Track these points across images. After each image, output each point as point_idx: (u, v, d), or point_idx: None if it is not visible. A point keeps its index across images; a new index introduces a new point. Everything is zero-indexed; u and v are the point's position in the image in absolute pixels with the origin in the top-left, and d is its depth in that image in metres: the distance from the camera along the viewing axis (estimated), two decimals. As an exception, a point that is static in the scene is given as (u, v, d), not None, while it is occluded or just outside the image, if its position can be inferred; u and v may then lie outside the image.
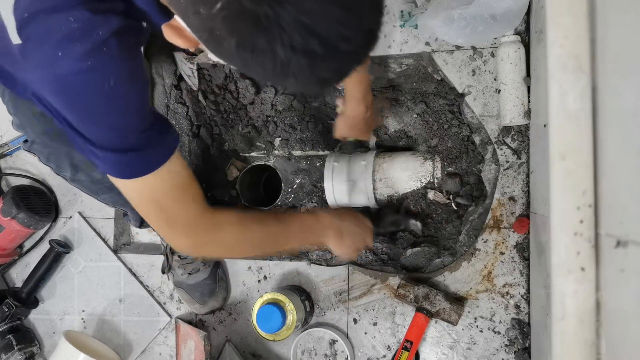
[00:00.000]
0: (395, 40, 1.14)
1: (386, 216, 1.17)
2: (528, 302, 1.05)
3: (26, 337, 1.29)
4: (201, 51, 1.32)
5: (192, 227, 0.77)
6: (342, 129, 1.12)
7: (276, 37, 0.46)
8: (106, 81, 0.61)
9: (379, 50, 1.16)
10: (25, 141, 0.89)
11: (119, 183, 0.71)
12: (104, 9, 0.60)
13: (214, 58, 0.65)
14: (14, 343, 1.25)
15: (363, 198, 1.19)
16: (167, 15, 0.69)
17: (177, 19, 0.57)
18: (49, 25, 0.58)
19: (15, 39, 0.60)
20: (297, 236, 0.91)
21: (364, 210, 1.22)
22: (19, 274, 1.36)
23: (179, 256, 1.18)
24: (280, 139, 1.37)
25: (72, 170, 0.91)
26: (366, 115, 1.09)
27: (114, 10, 0.62)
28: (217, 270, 1.20)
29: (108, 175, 0.71)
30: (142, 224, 1.10)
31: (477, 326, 1.08)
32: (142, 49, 0.71)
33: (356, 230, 0.98)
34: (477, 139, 1.14)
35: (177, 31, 0.59)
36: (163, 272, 1.23)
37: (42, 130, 0.84)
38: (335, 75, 0.53)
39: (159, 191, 0.72)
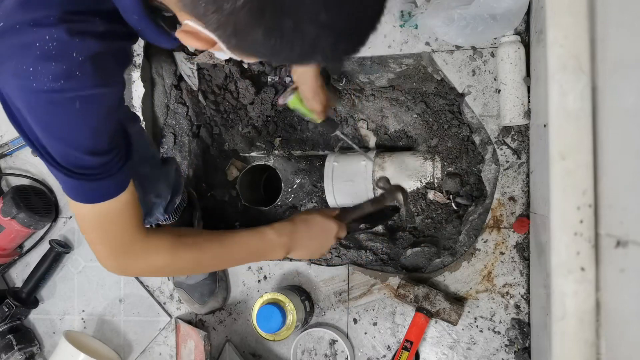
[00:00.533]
0: (395, 40, 1.14)
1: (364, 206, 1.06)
2: (528, 302, 1.05)
3: (26, 337, 1.29)
4: (201, 51, 1.32)
5: (121, 255, 0.79)
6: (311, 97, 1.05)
7: (303, 18, 0.48)
8: (73, 103, 0.62)
9: (379, 50, 1.16)
10: None
11: (71, 202, 0.73)
12: (81, 29, 0.60)
13: (224, 56, 0.66)
14: (14, 343, 1.25)
15: (363, 198, 1.19)
16: (162, 30, 0.69)
17: (190, 23, 0.57)
18: (29, 38, 0.59)
19: None
20: (238, 258, 0.92)
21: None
22: (19, 274, 1.36)
23: None
24: (280, 139, 1.37)
25: None
26: (317, 84, 1.02)
27: (93, 32, 0.62)
28: (216, 271, 1.20)
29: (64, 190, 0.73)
30: (143, 221, 1.09)
31: (477, 326, 1.08)
32: (124, 71, 0.72)
33: (312, 237, 0.94)
34: (477, 139, 1.14)
35: (192, 35, 0.59)
36: (163, 272, 1.23)
37: None
38: (357, 46, 0.55)
39: (107, 218, 0.74)
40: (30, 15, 0.59)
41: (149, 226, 1.19)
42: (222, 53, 0.66)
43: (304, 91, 1.03)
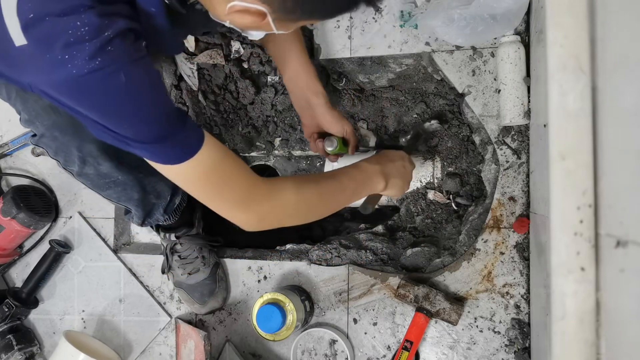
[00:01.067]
0: (395, 40, 1.14)
1: (409, 137, 1.19)
2: (528, 302, 1.05)
3: (26, 337, 1.29)
4: (201, 51, 1.32)
5: (250, 198, 0.78)
6: (329, 121, 1.08)
7: None
8: (118, 77, 0.62)
9: (379, 50, 1.16)
10: (34, 135, 0.89)
11: (165, 169, 0.73)
12: (110, 12, 0.62)
13: (259, 35, 0.75)
14: (14, 343, 1.25)
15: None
16: (172, 16, 0.71)
17: (238, 3, 0.63)
18: (58, 28, 0.59)
19: (19, 40, 0.60)
20: (350, 190, 0.92)
21: (392, 146, 1.23)
22: (19, 274, 1.36)
23: (179, 256, 1.18)
24: (280, 139, 1.37)
25: (79, 164, 0.92)
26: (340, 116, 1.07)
27: (120, 13, 0.64)
28: (217, 271, 1.20)
29: (152, 163, 0.72)
30: (143, 222, 1.10)
31: (477, 326, 1.08)
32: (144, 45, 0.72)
33: (399, 167, 0.99)
34: (477, 139, 1.14)
35: (242, 12, 0.64)
36: (163, 272, 1.23)
37: (51, 123, 0.85)
38: None
39: (208, 170, 0.73)
40: (60, 5, 0.60)
41: (149, 227, 1.19)
42: (259, 32, 0.73)
43: (331, 127, 1.07)
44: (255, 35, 0.75)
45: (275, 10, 0.65)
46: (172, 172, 0.73)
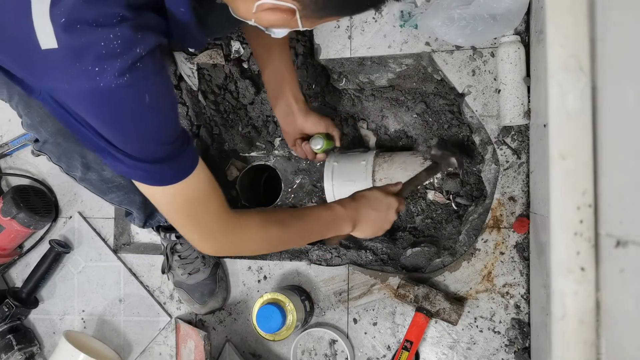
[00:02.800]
0: (395, 40, 1.14)
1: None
2: (528, 302, 1.05)
3: (26, 337, 1.29)
4: (201, 51, 1.32)
5: (216, 230, 0.80)
6: (302, 126, 1.11)
7: None
8: (142, 96, 0.63)
9: (379, 50, 1.16)
10: (36, 141, 0.89)
11: (146, 190, 0.74)
12: (142, 24, 0.62)
13: (283, 33, 0.74)
14: (14, 343, 1.25)
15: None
16: (197, 13, 0.71)
17: (267, 1, 0.64)
18: (92, 38, 0.59)
19: (47, 43, 0.60)
20: (315, 233, 0.93)
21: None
22: (19, 274, 1.36)
23: (179, 256, 1.18)
24: (280, 139, 1.37)
25: (83, 170, 0.92)
26: (289, 104, 1.07)
27: (150, 26, 0.64)
28: (217, 271, 1.20)
29: (135, 182, 0.73)
30: (145, 224, 1.10)
31: (477, 326, 1.08)
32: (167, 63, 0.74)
33: (375, 214, 0.97)
34: (477, 139, 1.14)
35: (271, 10, 0.65)
36: (163, 272, 1.23)
37: (55, 130, 0.85)
38: None
39: (187, 198, 0.75)
40: (93, 12, 0.59)
41: (150, 228, 1.19)
42: (283, 30, 0.73)
43: (316, 127, 1.08)
44: (279, 33, 0.75)
45: (305, 7, 0.65)
46: (154, 192, 0.74)
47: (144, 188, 0.74)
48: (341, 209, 0.94)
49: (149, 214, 1.08)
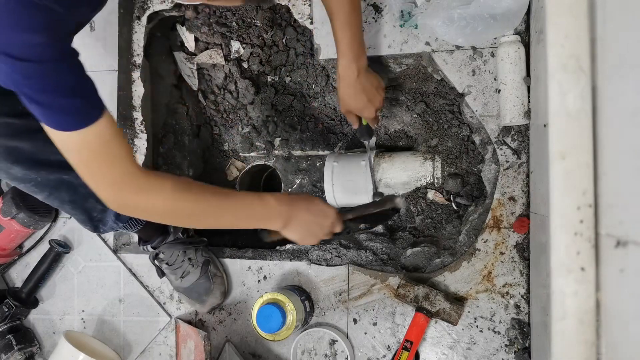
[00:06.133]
0: (395, 40, 1.14)
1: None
2: (528, 302, 1.05)
3: (26, 337, 1.29)
4: (201, 51, 1.32)
5: (123, 184, 0.77)
6: (343, 98, 1.07)
7: None
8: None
9: (379, 50, 1.16)
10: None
11: (55, 136, 0.72)
12: None
13: None
14: (14, 343, 1.25)
15: (363, 198, 1.19)
16: None
17: None
18: None
19: None
20: (236, 215, 0.88)
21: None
22: (19, 274, 1.36)
23: (166, 263, 1.17)
24: (280, 139, 1.37)
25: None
26: (360, 80, 1.03)
27: None
28: (208, 268, 1.19)
29: (46, 129, 0.71)
30: (96, 228, 1.07)
31: (477, 326, 1.08)
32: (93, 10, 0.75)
33: (310, 219, 0.93)
34: (477, 139, 1.14)
35: None
36: (160, 277, 1.23)
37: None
38: None
39: (91, 146, 0.73)
40: None
41: (113, 231, 1.17)
42: None
43: (345, 82, 1.04)
44: None
45: None
46: (62, 138, 0.72)
47: (53, 135, 0.72)
48: (274, 201, 0.89)
49: (91, 217, 1.03)
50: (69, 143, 0.73)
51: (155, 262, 1.18)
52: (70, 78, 0.70)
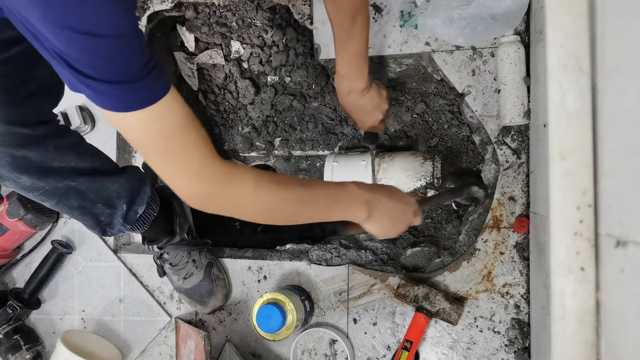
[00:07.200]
0: (395, 40, 1.14)
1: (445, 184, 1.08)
2: (528, 302, 1.05)
3: (31, 336, 1.29)
4: (201, 51, 1.32)
5: (201, 173, 0.68)
6: (342, 106, 1.08)
7: None
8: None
9: (379, 50, 1.16)
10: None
11: (116, 120, 0.64)
12: None
13: None
14: (22, 343, 1.25)
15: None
16: None
17: None
18: None
19: None
20: (321, 205, 0.81)
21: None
22: (19, 275, 1.36)
23: (170, 264, 1.17)
24: (280, 139, 1.37)
25: (8, 184, 0.89)
26: (354, 99, 1.02)
27: None
28: (211, 270, 1.20)
29: (104, 112, 0.63)
30: (104, 231, 1.04)
31: (477, 326, 1.08)
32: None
33: (393, 207, 0.86)
34: (477, 139, 1.14)
35: None
36: (160, 277, 1.23)
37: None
38: None
39: (164, 126, 0.64)
40: None
41: (117, 235, 1.15)
42: None
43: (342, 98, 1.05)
44: None
45: None
46: (123, 121, 0.63)
47: (114, 119, 0.63)
48: (356, 189, 0.83)
49: (99, 221, 1.00)
50: (136, 126, 0.64)
51: (158, 261, 1.18)
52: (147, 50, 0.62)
